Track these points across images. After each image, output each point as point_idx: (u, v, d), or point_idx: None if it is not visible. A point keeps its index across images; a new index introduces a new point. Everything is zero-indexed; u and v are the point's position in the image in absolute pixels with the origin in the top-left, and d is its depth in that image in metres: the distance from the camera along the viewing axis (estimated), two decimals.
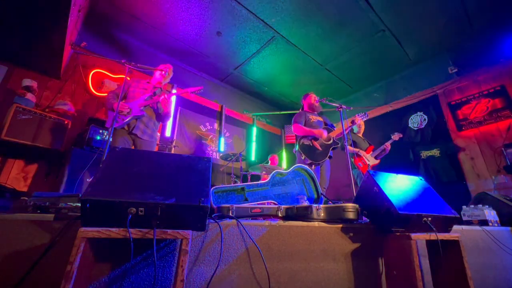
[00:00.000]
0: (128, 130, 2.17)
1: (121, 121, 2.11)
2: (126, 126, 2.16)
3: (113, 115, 2.00)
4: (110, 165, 0.90)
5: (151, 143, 2.30)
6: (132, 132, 2.17)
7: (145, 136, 2.23)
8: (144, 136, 2.22)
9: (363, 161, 3.13)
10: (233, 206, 1.25)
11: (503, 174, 3.21)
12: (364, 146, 3.30)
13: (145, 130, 2.23)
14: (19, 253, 0.80)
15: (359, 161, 3.12)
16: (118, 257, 0.86)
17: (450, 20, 3.47)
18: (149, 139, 2.26)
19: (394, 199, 1.21)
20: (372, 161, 3.17)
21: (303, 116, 2.86)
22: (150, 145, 2.29)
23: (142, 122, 2.22)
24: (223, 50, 4.11)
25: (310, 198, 1.83)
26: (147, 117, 2.27)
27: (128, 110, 2.13)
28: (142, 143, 2.22)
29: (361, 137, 3.46)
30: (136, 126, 2.17)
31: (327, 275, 1.15)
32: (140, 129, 2.20)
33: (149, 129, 2.28)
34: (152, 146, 2.32)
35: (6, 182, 2.55)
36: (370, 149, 3.26)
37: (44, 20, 2.31)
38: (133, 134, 2.17)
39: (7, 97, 2.72)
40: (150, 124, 2.30)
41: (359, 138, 3.42)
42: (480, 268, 1.59)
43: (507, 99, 3.38)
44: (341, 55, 4.18)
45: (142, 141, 2.22)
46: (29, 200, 0.98)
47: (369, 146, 3.29)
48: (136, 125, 2.18)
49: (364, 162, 3.12)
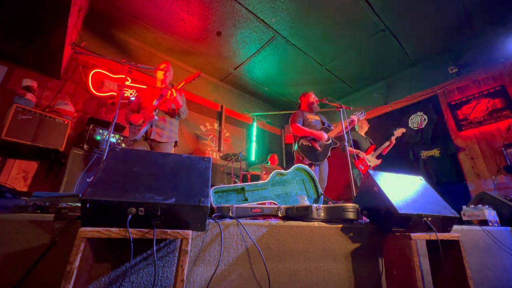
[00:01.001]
0: (146, 137, 2.24)
1: (139, 132, 2.18)
2: (144, 134, 2.22)
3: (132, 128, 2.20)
4: (110, 165, 0.90)
5: (170, 144, 2.33)
6: (149, 138, 2.22)
7: (164, 139, 2.27)
8: (162, 139, 2.26)
9: (364, 163, 3.10)
10: (233, 206, 1.25)
11: (503, 174, 3.21)
12: (365, 145, 3.27)
13: (162, 133, 2.27)
14: (19, 253, 0.80)
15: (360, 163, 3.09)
16: (118, 257, 0.86)
17: (450, 20, 3.47)
18: (168, 140, 2.30)
19: (394, 199, 1.21)
20: (373, 162, 3.14)
21: (301, 115, 2.82)
22: (168, 147, 2.32)
23: (157, 126, 2.26)
24: (223, 50, 4.11)
25: (310, 198, 1.83)
26: (161, 119, 2.29)
27: (142, 119, 2.19)
28: (159, 146, 2.26)
29: (363, 135, 3.42)
30: (152, 132, 2.22)
31: (327, 275, 1.15)
32: (157, 133, 2.24)
33: (166, 130, 2.31)
34: (170, 147, 2.35)
35: (6, 182, 2.55)
36: (371, 149, 3.22)
37: (44, 20, 2.31)
38: (150, 139, 2.22)
39: (7, 97, 2.72)
40: (166, 125, 2.33)
41: (360, 137, 3.37)
42: (480, 268, 1.59)
43: (507, 99, 3.38)
44: (341, 55, 4.18)
45: (160, 144, 2.26)
46: (29, 200, 0.97)
47: (370, 146, 3.26)
48: (152, 131, 2.23)
49: (365, 164, 3.09)
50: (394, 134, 3.28)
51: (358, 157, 3.11)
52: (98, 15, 3.46)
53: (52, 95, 3.07)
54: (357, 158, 3.09)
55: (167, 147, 2.31)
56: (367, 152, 3.20)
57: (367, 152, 3.19)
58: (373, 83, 5.02)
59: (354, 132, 3.45)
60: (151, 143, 2.26)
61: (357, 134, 3.42)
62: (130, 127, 2.29)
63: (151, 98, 2.34)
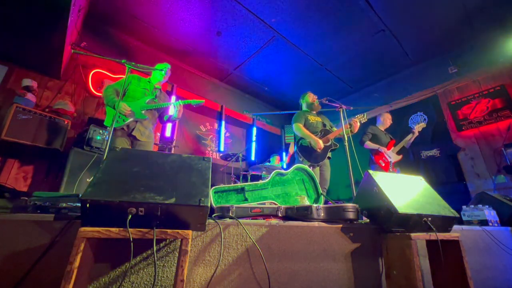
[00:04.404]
0: (128, 132, 2.17)
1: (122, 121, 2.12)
2: (125, 127, 2.15)
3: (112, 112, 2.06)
4: (110, 165, 0.90)
5: (149, 144, 2.31)
6: (131, 134, 2.17)
7: (144, 137, 2.24)
8: (142, 138, 2.22)
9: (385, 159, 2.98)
10: (233, 206, 1.25)
11: (503, 174, 3.21)
12: (385, 140, 3.16)
13: (143, 132, 2.24)
14: (19, 253, 0.80)
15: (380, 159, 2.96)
16: (118, 257, 0.86)
17: (450, 20, 3.47)
18: (147, 139, 2.27)
19: (394, 199, 1.21)
20: (394, 158, 3.01)
21: (302, 116, 2.83)
22: (148, 146, 2.30)
23: (142, 124, 2.23)
24: (223, 50, 4.11)
25: (310, 198, 1.83)
26: (148, 120, 2.27)
27: (129, 112, 2.12)
28: (140, 144, 2.23)
29: (383, 131, 3.31)
30: (135, 128, 2.18)
31: (327, 275, 1.15)
32: (140, 131, 2.20)
33: (148, 130, 2.29)
34: (150, 147, 2.33)
35: (6, 182, 2.55)
36: (391, 144, 3.08)
37: (44, 20, 2.31)
38: (132, 136, 2.18)
39: (7, 97, 2.72)
40: (149, 126, 2.32)
41: (380, 132, 3.27)
42: (480, 268, 1.59)
43: (507, 99, 3.38)
44: (341, 55, 4.18)
45: (141, 142, 2.23)
46: (29, 200, 0.98)
47: (391, 141, 3.13)
48: (135, 127, 2.18)
49: (386, 160, 2.97)
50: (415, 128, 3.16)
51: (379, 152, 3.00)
52: (98, 15, 3.45)
53: (52, 95, 3.07)
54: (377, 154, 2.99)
55: (148, 146, 2.30)
56: (387, 147, 3.09)
57: (388, 148, 3.08)
58: (373, 83, 5.02)
59: (374, 127, 3.34)
60: (132, 140, 2.20)
61: (377, 129, 3.32)
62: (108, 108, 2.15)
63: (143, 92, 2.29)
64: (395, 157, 3.05)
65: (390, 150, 3.06)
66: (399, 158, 3.07)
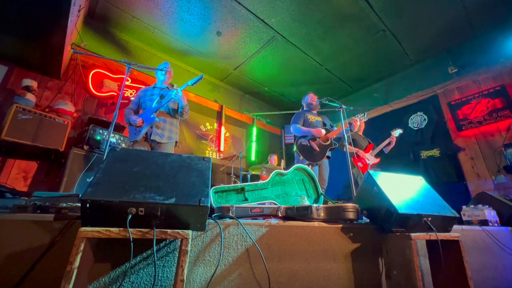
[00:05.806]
0: (146, 138, 2.23)
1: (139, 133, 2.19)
2: (144, 135, 2.22)
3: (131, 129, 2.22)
4: (110, 165, 0.90)
5: (170, 145, 2.33)
6: (150, 139, 2.22)
7: (164, 139, 2.26)
8: (163, 140, 2.25)
9: (363, 161, 3.11)
10: (233, 206, 1.25)
11: (503, 174, 3.21)
12: (363, 144, 3.28)
13: (162, 134, 2.26)
14: (19, 253, 0.80)
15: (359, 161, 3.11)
16: (118, 257, 0.86)
17: (450, 20, 3.47)
18: (168, 141, 2.30)
19: (394, 199, 1.20)
20: (372, 160, 3.15)
21: (302, 116, 2.86)
22: (168, 147, 2.32)
23: (158, 126, 2.25)
24: (223, 50, 4.11)
25: (310, 198, 1.83)
26: (162, 120, 2.29)
27: (141, 122, 2.19)
28: (160, 146, 2.26)
29: (361, 135, 3.44)
30: (152, 132, 2.22)
31: (327, 275, 1.15)
32: (158, 134, 2.24)
33: (166, 130, 2.30)
34: (170, 147, 2.34)
35: (6, 182, 2.55)
36: (369, 148, 3.23)
37: (44, 20, 2.31)
38: (151, 140, 2.22)
39: (7, 97, 2.72)
40: (166, 126, 2.32)
41: (359, 136, 3.39)
42: (480, 268, 1.59)
43: (507, 99, 3.38)
44: (341, 55, 4.18)
45: (161, 144, 2.26)
46: (29, 200, 0.97)
47: (369, 144, 3.27)
48: (151, 131, 2.22)
49: (364, 162, 3.11)
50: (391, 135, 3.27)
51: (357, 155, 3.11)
52: (98, 15, 3.46)
53: (52, 95, 3.07)
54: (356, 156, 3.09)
55: (167, 148, 2.31)
56: (365, 150, 3.20)
57: (366, 151, 3.20)
58: (373, 83, 5.02)
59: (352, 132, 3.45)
60: (151, 144, 2.26)
61: (356, 133, 3.44)
62: (129, 128, 2.28)
63: (150, 99, 2.34)
64: (373, 160, 3.18)
65: (368, 153, 3.19)
66: (377, 160, 3.20)
